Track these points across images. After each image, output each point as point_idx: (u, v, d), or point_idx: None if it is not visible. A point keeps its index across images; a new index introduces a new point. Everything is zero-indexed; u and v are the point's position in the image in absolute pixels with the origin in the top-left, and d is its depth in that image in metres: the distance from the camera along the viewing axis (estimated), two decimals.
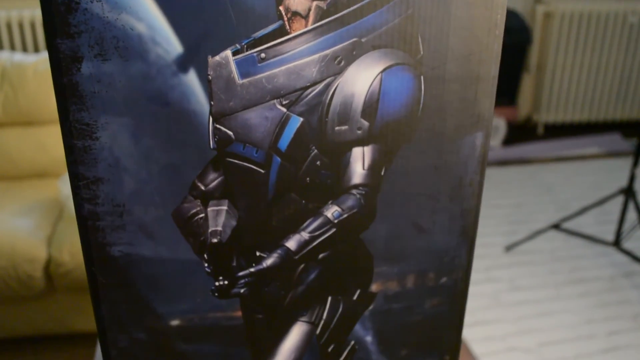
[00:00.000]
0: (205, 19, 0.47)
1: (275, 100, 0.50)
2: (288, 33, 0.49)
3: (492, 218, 2.71)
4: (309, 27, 0.49)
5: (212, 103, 0.50)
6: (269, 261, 0.54)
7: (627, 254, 2.32)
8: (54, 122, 2.06)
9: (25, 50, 2.68)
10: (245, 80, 0.49)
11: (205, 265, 0.54)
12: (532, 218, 2.71)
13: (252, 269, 0.54)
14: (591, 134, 3.59)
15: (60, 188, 1.96)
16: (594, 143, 3.50)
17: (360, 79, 0.51)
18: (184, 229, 0.53)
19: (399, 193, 0.55)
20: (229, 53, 0.48)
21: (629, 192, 2.33)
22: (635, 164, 2.28)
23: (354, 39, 0.49)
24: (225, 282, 0.54)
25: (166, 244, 0.53)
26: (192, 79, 0.48)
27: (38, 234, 1.82)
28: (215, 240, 0.54)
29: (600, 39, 3.40)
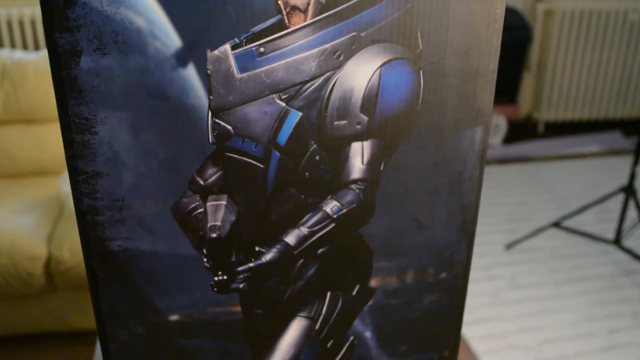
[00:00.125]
0: (204, 12, 0.47)
1: (274, 95, 0.50)
2: (287, 27, 0.49)
3: (493, 216, 2.71)
4: (308, 22, 0.49)
5: (211, 97, 0.50)
6: (268, 256, 0.54)
7: (628, 252, 2.32)
8: (55, 120, 2.06)
9: (25, 48, 2.68)
10: (244, 75, 0.49)
11: (205, 260, 0.54)
12: (533, 216, 2.71)
13: (252, 264, 0.54)
14: (592, 132, 3.59)
15: (60, 186, 1.96)
16: (595, 141, 3.50)
17: (360, 74, 0.51)
18: (183, 223, 0.53)
19: (398, 188, 0.55)
20: (228, 47, 0.48)
21: (629, 190, 2.33)
22: (635, 162, 2.28)
23: (353, 34, 0.49)
24: (225, 277, 0.54)
25: (165, 238, 0.53)
26: (191, 73, 0.48)
27: (38, 231, 1.82)
28: (214, 235, 0.54)
29: (600, 37, 3.40)
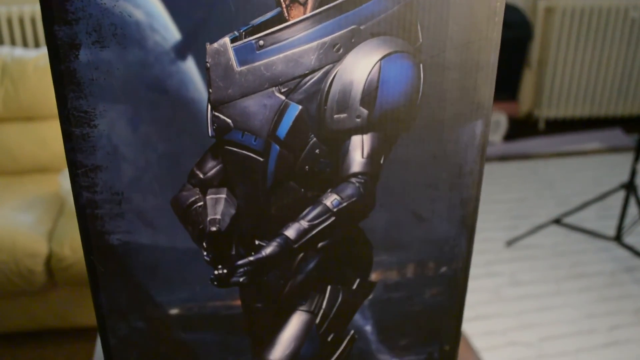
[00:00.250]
0: (203, 5, 0.47)
1: (273, 88, 0.50)
2: (286, 20, 0.49)
3: (493, 213, 2.71)
4: (308, 15, 0.49)
5: (211, 91, 0.49)
6: (268, 250, 0.54)
7: (629, 248, 2.32)
8: (55, 117, 2.06)
9: (25, 45, 2.68)
10: (243, 68, 0.49)
11: (204, 253, 0.54)
12: (533, 213, 2.71)
13: (251, 258, 0.54)
14: (592, 129, 3.59)
15: (61, 183, 1.96)
16: (595, 138, 3.49)
17: (359, 67, 0.50)
18: (182, 217, 0.53)
19: (398, 182, 0.55)
20: (227, 40, 0.48)
21: (630, 187, 2.33)
22: (636, 159, 2.28)
23: (353, 27, 0.49)
24: (225, 271, 0.54)
25: (165, 232, 0.53)
26: (191, 66, 0.48)
27: (39, 228, 1.82)
28: (214, 229, 0.53)
29: (601, 34, 3.39)
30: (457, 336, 0.65)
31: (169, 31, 0.47)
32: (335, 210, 0.54)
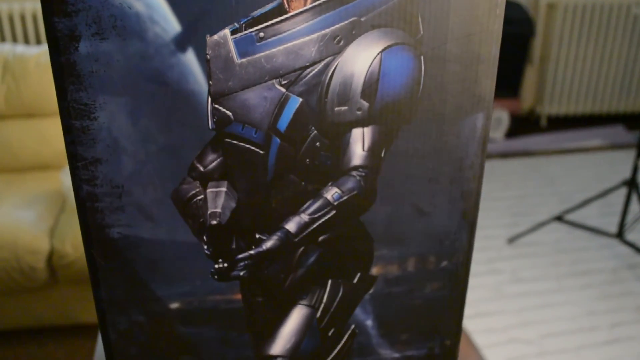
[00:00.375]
0: None
1: (274, 80, 0.50)
2: (287, 12, 0.48)
3: (495, 210, 2.70)
4: (308, 6, 0.48)
5: (211, 83, 0.49)
6: (268, 243, 0.54)
7: (630, 245, 2.31)
8: (56, 114, 2.05)
9: (27, 42, 2.68)
10: (244, 60, 0.49)
11: (205, 247, 0.54)
12: (535, 210, 2.70)
13: (252, 252, 0.54)
14: (594, 126, 3.58)
15: (62, 180, 1.96)
16: (597, 135, 3.49)
17: (360, 59, 0.50)
18: (183, 210, 0.53)
19: (399, 175, 0.55)
20: (227, 32, 0.48)
21: (632, 184, 2.32)
22: (638, 155, 2.27)
23: (353, 18, 0.49)
24: (225, 265, 0.54)
25: (165, 225, 0.53)
26: (191, 58, 0.48)
27: (41, 225, 1.82)
28: (214, 222, 0.53)
29: (603, 31, 3.39)
30: (458, 331, 0.65)
31: (169, 23, 0.47)
32: (336, 203, 0.54)
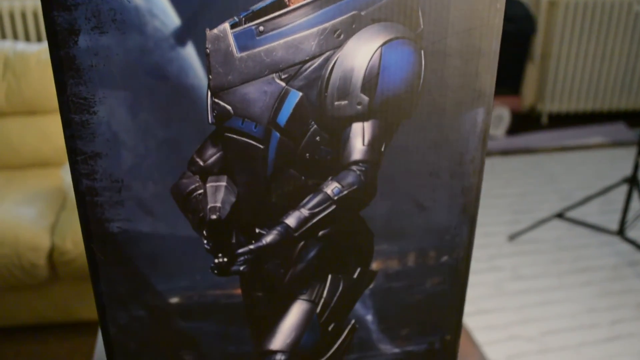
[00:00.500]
0: None
1: (274, 74, 0.50)
2: (287, 5, 0.48)
3: (496, 207, 2.70)
4: (308, 0, 0.48)
5: (211, 77, 0.49)
6: (268, 238, 0.54)
7: (631, 243, 2.31)
8: (57, 111, 2.04)
9: (28, 39, 2.67)
10: (243, 54, 0.49)
11: (205, 242, 0.54)
12: (536, 207, 2.70)
13: (252, 246, 0.54)
14: (595, 124, 3.58)
15: (63, 177, 1.96)
16: (598, 133, 3.48)
17: (360, 53, 0.50)
18: (182, 205, 0.53)
19: (399, 170, 0.55)
20: (227, 26, 0.48)
21: (633, 181, 2.32)
22: (639, 153, 2.27)
23: (354, 12, 0.49)
24: (225, 260, 0.54)
25: (165, 220, 0.53)
26: (190, 52, 0.48)
27: (41, 222, 1.82)
28: (214, 217, 0.53)
29: (605, 28, 3.38)
30: (459, 326, 0.65)
31: (169, 16, 0.47)
32: (336, 198, 0.54)
